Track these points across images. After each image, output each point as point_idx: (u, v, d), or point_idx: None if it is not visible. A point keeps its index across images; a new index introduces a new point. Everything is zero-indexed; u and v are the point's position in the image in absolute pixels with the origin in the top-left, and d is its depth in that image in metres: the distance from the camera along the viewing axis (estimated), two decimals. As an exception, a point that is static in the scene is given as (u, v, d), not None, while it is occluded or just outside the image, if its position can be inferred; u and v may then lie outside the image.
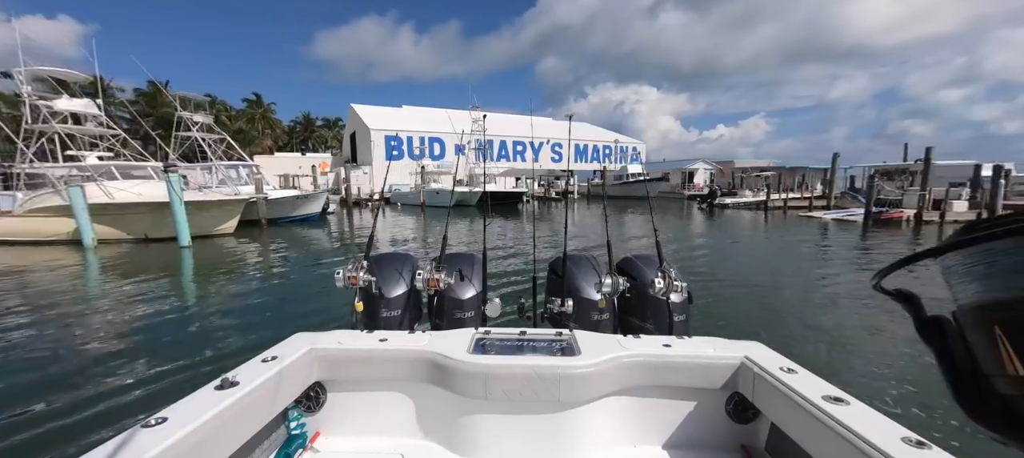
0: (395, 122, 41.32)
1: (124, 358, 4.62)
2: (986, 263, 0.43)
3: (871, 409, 1.13)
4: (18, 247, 12.75)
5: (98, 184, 13.16)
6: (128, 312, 6.46)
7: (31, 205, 13.33)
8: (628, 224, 19.31)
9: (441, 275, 2.05)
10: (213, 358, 4.59)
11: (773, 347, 1.56)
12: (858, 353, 4.64)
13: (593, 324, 2.02)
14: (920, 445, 0.97)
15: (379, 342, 1.59)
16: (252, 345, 2.09)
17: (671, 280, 1.91)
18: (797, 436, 1.23)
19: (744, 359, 1.48)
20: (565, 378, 1.43)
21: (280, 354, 1.47)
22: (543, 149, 46.56)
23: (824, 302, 6.71)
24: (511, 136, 44.92)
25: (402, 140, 39.89)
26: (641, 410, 1.57)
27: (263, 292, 7.87)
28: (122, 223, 13.12)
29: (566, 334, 1.69)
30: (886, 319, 5.42)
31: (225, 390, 1.21)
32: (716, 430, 1.55)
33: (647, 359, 1.53)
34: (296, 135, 60.76)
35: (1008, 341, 0.42)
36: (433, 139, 40.87)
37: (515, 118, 47.48)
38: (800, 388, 1.24)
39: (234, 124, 51.61)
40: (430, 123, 42.13)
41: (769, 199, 25.09)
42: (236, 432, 1.21)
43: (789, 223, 19.63)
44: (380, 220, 22.16)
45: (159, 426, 1.03)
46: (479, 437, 1.49)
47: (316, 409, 1.58)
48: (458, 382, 1.47)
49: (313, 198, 19.18)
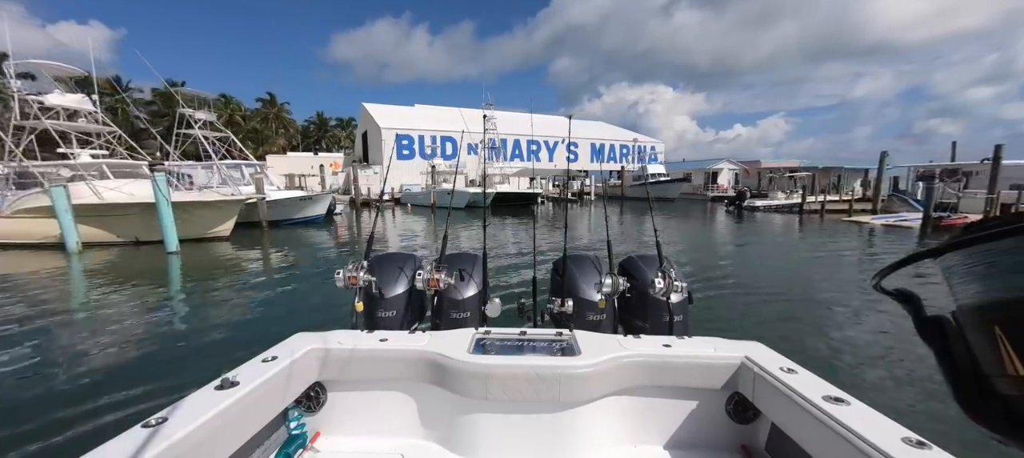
0: (407, 121, 40.44)
1: (83, 382, 4.05)
2: (986, 263, 0.44)
3: (871, 409, 1.13)
4: (4, 251, 12.09)
5: (87, 183, 12.40)
6: (87, 329, 5.57)
7: (19, 205, 12.65)
8: (649, 228, 17.83)
9: (441, 275, 2.02)
10: (160, 390, 3.79)
11: (773, 347, 1.56)
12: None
13: (593, 324, 2.01)
14: (920, 445, 0.97)
15: (379, 342, 1.60)
16: (236, 361, 1.53)
17: (671, 280, 1.88)
18: (797, 436, 1.22)
19: (744, 359, 1.48)
20: (565, 378, 1.44)
21: (280, 354, 1.47)
22: (558, 148, 45.15)
23: (871, 313, 5.97)
24: (525, 135, 43.69)
25: (413, 139, 38.93)
26: (641, 410, 1.57)
27: (247, 306, 6.86)
28: (112, 225, 12.33)
29: (566, 334, 1.70)
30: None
31: (225, 390, 1.21)
32: (716, 430, 1.55)
33: (647, 359, 1.53)
34: (310, 135, 60.88)
35: (1008, 341, 0.42)
36: (445, 138, 39.73)
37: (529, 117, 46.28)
38: (800, 388, 1.24)
39: (248, 124, 51.87)
40: (442, 122, 41.12)
41: (805, 202, 23.18)
42: (236, 432, 1.21)
43: (829, 228, 17.88)
44: (388, 222, 21.39)
45: (159, 426, 1.02)
46: (479, 437, 1.49)
47: (316, 409, 1.58)
48: (458, 382, 1.48)
49: (317, 199, 18.27)
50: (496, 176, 29.52)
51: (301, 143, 56.84)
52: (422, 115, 43.29)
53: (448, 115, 42.34)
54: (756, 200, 27.59)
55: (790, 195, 27.56)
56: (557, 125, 50.17)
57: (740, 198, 27.31)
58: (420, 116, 42.72)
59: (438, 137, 39.57)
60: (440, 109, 45.93)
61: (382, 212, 29.01)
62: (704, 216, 23.97)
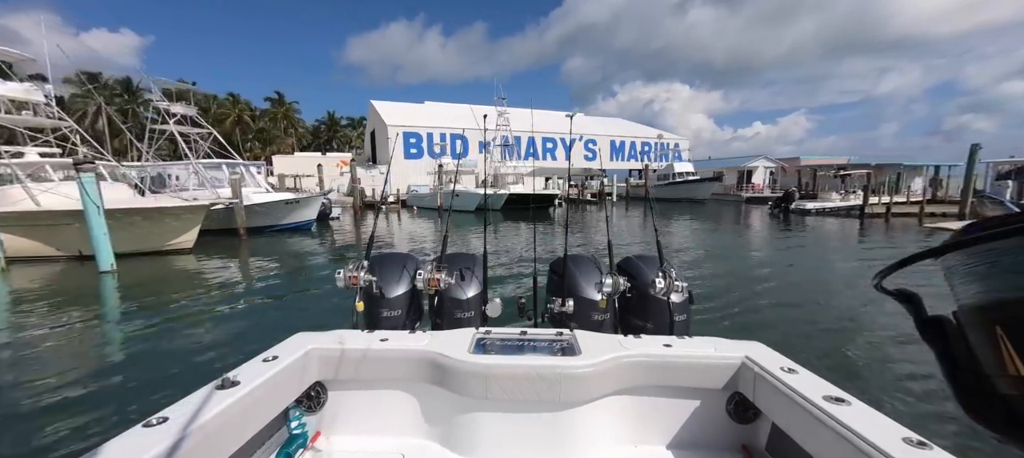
0: (415, 118, 38.36)
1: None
2: (987, 263, 0.44)
3: (872, 409, 1.12)
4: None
5: (24, 186, 10.54)
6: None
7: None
8: (676, 233, 15.22)
9: (441, 275, 2.01)
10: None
11: (773, 347, 1.54)
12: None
13: (594, 324, 2.00)
14: (921, 445, 0.97)
15: (380, 342, 1.60)
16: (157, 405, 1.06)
17: (672, 280, 1.87)
18: (798, 436, 1.22)
19: (745, 359, 1.47)
20: (566, 378, 1.43)
21: (281, 354, 1.46)
22: (575, 146, 42.47)
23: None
24: (540, 132, 41.12)
25: (421, 137, 36.68)
26: (642, 410, 1.56)
27: (174, 345, 5.02)
28: (49, 236, 10.41)
29: (567, 334, 1.69)
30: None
31: (226, 390, 1.21)
32: (717, 430, 1.54)
33: (648, 359, 1.52)
34: (321, 135, 59.82)
35: (1009, 341, 0.42)
36: (455, 135, 37.36)
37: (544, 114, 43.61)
38: (801, 388, 1.23)
39: (257, 123, 50.87)
40: (453, 119, 38.95)
41: (867, 203, 19.98)
42: (237, 432, 1.20)
43: (899, 235, 14.93)
44: (392, 226, 19.39)
45: (160, 426, 1.02)
46: (479, 437, 1.49)
47: (317, 409, 1.58)
48: (459, 382, 1.47)
49: (306, 203, 16.18)
50: (509, 176, 27.15)
51: (311, 143, 55.77)
52: (430, 112, 41.18)
53: (458, 112, 40.10)
54: (806, 202, 24.29)
55: (846, 196, 24.26)
56: (575, 123, 47.54)
57: (787, 199, 23.92)
58: (428, 113, 40.58)
59: (447, 135, 37.14)
60: (450, 106, 43.79)
61: (387, 215, 27.05)
62: (740, 220, 21.09)
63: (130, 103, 44.80)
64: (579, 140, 42.65)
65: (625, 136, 46.42)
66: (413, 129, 36.52)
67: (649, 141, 47.31)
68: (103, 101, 30.09)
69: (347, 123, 61.85)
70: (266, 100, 52.81)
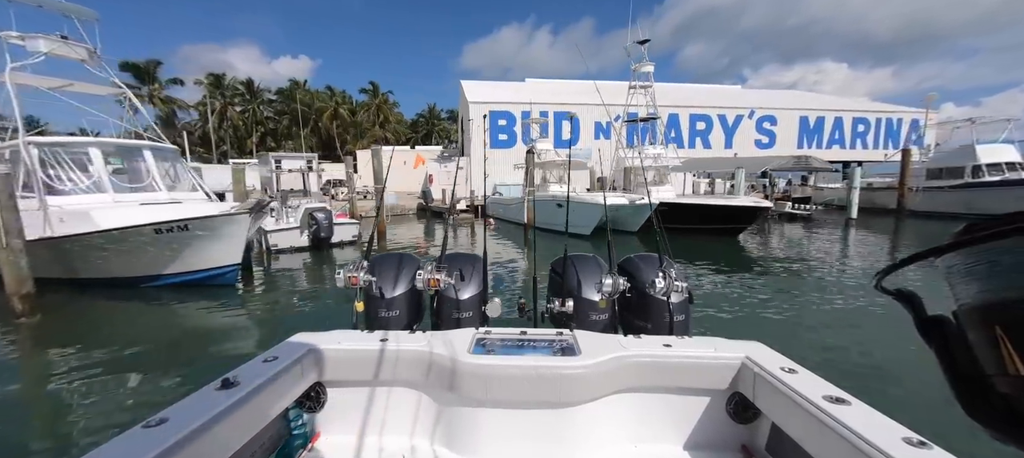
0: (506, 96, 28.76)
1: None
2: (987, 263, 0.43)
3: (872, 409, 1.12)
4: None
5: None
6: None
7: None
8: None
9: (441, 275, 1.99)
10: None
11: (773, 347, 1.54)
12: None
13: (594, 324, 1.99)
14: (921, 445, 0.97)
15: (379, 342, 1.60)
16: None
17: (671, 280, 1.87)
18: (798, 436, 1.22)
19: (745, 359, 1.49)
20: (566, 378, 1.44)
21: (280, 354, 1.46)
22: (742, 124, 28.62)
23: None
24: (686, 106, 28.27)
25: (515, 118, 26.34)
26: (642, 410, 1.57)
27: None
28: None
29: (567, 334, 1.69)
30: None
31: (226, 390, 1.20)
32: (717, 430, 1.55)
33: (648, 359, 1.53)
34: (420, 128, 55.55)
35: (1009, 341, 0.42)
36: (560, 114, 26.14)
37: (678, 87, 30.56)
38: (801, 388, 1.24)
39: (355, 117, 47.95)
40: (564, 95, 28.58)
41: None
42: (237, 432, 1.20)
43: None
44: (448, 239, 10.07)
45: (160, 426, 1.02)
46: (480, 437, 1.49)
47: (316, 409, 1.59)
48: (458, 382, 1.47)
49: (211, 231, 7.35)
50: (651, 172, 15.91)
51: (410, 137, 51.58)
52: (533, 90, 31.20)
53: (570, 88, 29.63)
54: None
55: None
56: (732, 95, 33.16)
57: None
58: (529, 92, 30.32)
59: (550, 111, 25.64)
60: (560, 82, 33.54)
61: (454, 229, 18.20)
62: None
63: (251, 102, 45.26)
64: (749, 116, 28.66)
65: (820, 109, 30.44)
66: (503, 108, 26.97)
67: (865, 117, 30.50)
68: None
69: (446, 116, 56.55)
70: (361, 91, 49.53)
